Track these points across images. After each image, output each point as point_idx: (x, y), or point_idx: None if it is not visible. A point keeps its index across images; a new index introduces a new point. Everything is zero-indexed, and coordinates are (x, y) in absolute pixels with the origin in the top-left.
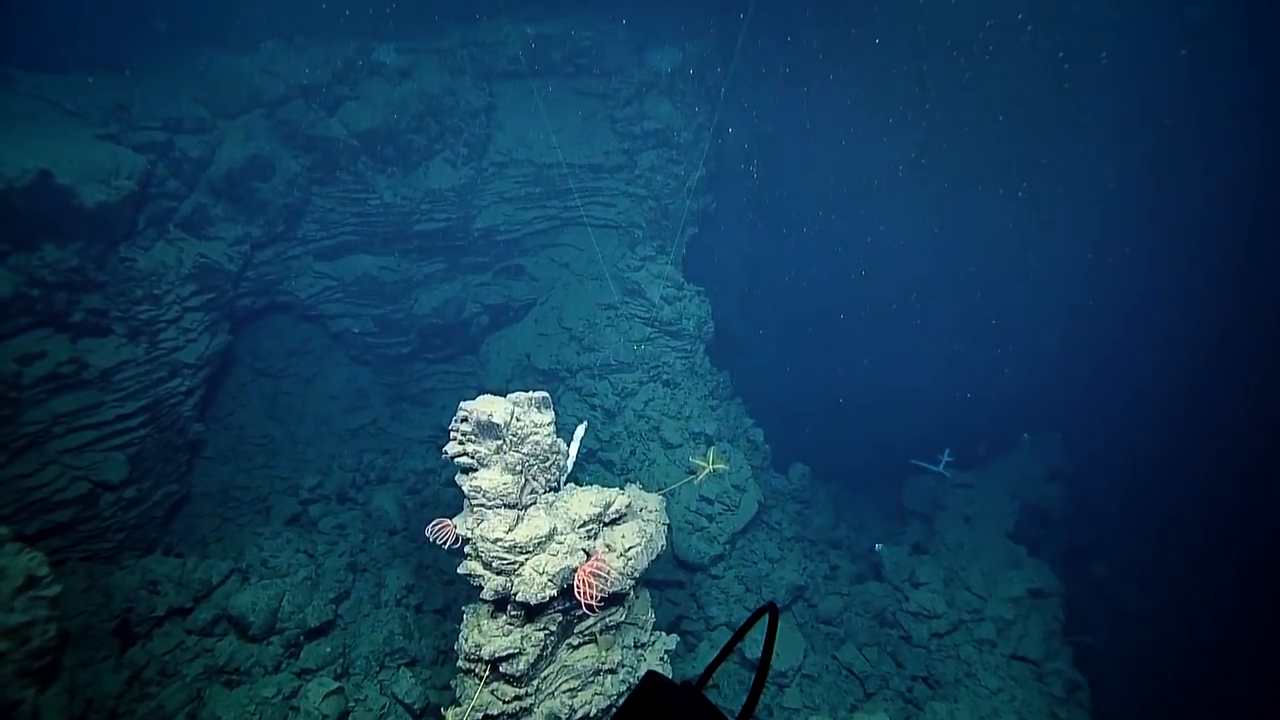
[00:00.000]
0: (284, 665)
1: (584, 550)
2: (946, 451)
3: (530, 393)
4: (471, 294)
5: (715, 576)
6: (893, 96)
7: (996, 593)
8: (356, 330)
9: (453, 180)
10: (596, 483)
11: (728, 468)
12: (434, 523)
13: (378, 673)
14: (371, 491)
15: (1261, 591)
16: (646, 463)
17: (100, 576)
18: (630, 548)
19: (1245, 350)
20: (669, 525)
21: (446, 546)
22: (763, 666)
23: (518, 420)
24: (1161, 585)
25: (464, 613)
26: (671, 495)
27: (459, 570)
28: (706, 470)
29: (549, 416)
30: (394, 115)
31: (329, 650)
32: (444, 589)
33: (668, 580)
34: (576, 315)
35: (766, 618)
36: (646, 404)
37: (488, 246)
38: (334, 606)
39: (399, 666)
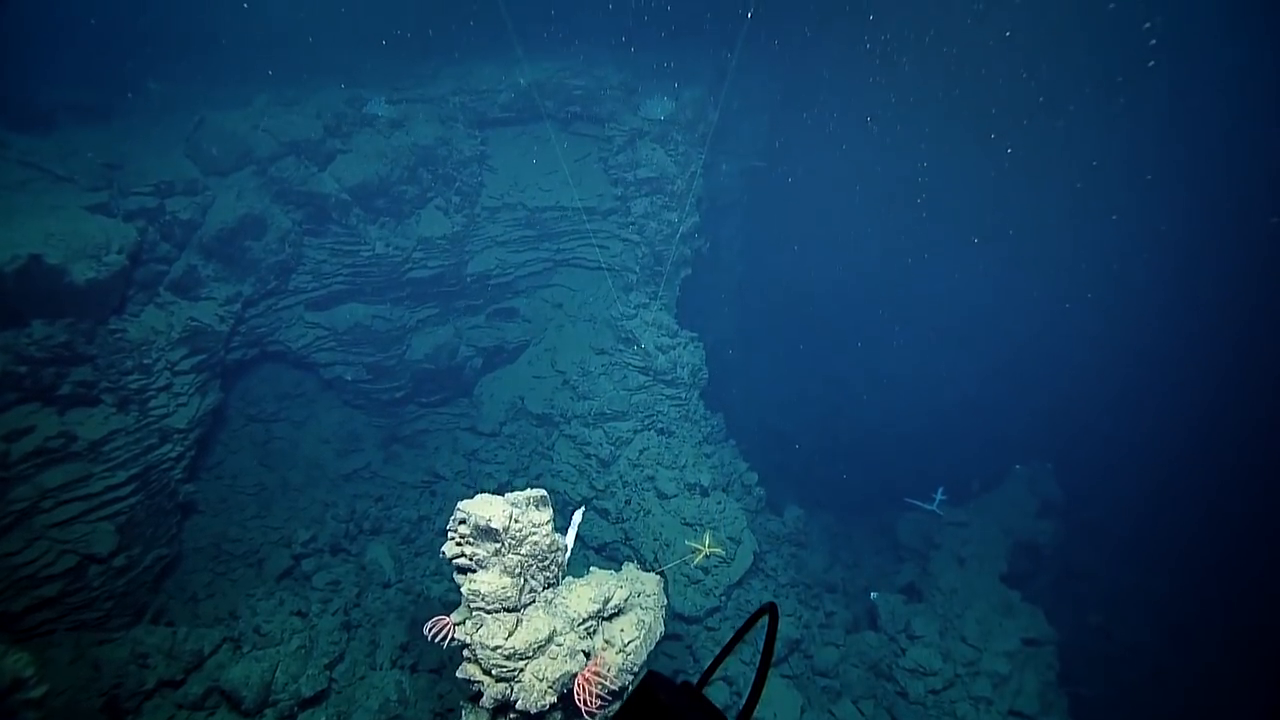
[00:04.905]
0: None
1: (583, 651)
2: (939, 490)
3: (528, 491)
4: (464, 337)
5: (711, 629)
6: (890, 117)
7: (992, 645)
8: (349, 378)
9: (445, 228)
10: (591, 530)
11: (723, 551)
12: (432, 621)
13: None
14: (365, 543)
15: (1259, 616)
16: (642, 513)
17: (88, 647)
18: (630, 642)
19: (1243, 372)
20: (666, 605)
21: (445, 646)
22: (763, 666)
23: (516, 522)
24: (1156, 615)
25: (461, 710)
26: (668, 575)
27: (458, 674)
28: (703, 553)
29: (547, 515)
30: (386, 167)
31: None
32: (439, 646)
33: (664, 633)
34: (570, 359)
35: (767, 618)
36: (641, 453)
37: (480, 290)
38: (328, 672)
39: None
